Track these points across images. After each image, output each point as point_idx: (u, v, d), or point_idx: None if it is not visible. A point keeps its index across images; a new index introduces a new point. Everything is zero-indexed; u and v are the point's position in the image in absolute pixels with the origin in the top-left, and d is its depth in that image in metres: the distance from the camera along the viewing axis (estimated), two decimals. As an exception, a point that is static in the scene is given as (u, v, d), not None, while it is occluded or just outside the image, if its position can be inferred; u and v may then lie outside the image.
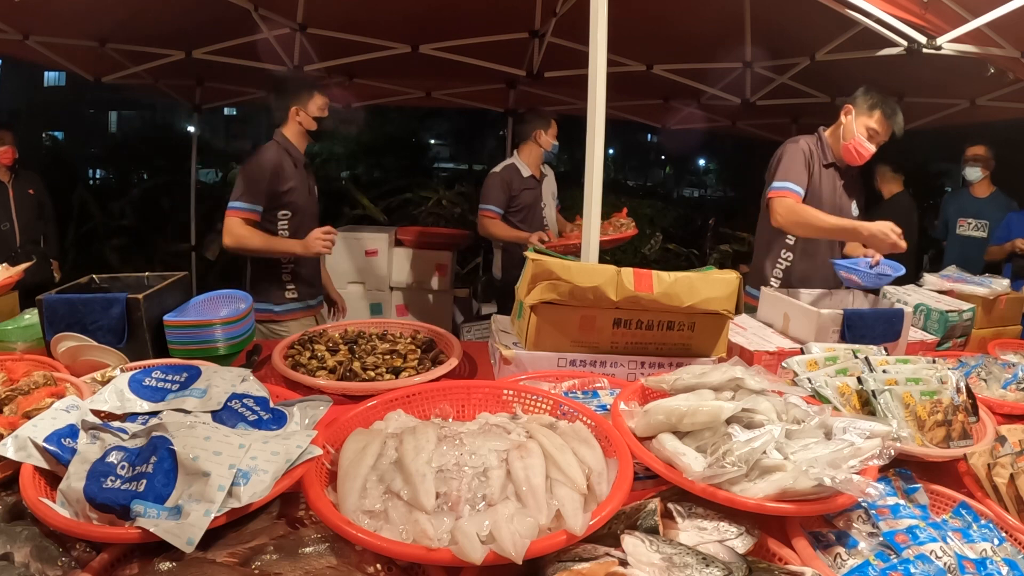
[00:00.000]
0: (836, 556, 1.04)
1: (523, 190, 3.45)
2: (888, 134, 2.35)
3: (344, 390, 1.58)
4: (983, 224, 4.09)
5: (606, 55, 1.79)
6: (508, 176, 3.43)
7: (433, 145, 14.60)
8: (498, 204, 3.40)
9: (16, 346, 1.72)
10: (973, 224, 4.14)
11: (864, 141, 2.34)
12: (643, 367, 1.67)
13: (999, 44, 2.65)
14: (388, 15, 3.60)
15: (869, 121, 2.33)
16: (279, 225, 2.52)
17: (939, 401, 1.41)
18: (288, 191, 2.50)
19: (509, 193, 3.42)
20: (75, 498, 0.96)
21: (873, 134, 2.34)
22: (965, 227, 4.16)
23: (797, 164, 2.37)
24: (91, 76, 4.16)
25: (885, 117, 2.32)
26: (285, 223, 2.53)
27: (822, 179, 2.44)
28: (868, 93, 2.37)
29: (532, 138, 3.45)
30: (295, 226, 2.55)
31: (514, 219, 3.45)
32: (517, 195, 3.44)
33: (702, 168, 16.56)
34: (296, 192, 2.53)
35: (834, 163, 2.46)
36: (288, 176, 2.49)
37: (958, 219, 4.20)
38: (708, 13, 3.47)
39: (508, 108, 5.41)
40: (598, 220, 1.88)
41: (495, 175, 3.46)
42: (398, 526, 0.92)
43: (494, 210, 3.40)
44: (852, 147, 2.36)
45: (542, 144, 3.45)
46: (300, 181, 2.55)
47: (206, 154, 9.07)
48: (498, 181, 3.42)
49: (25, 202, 3.98)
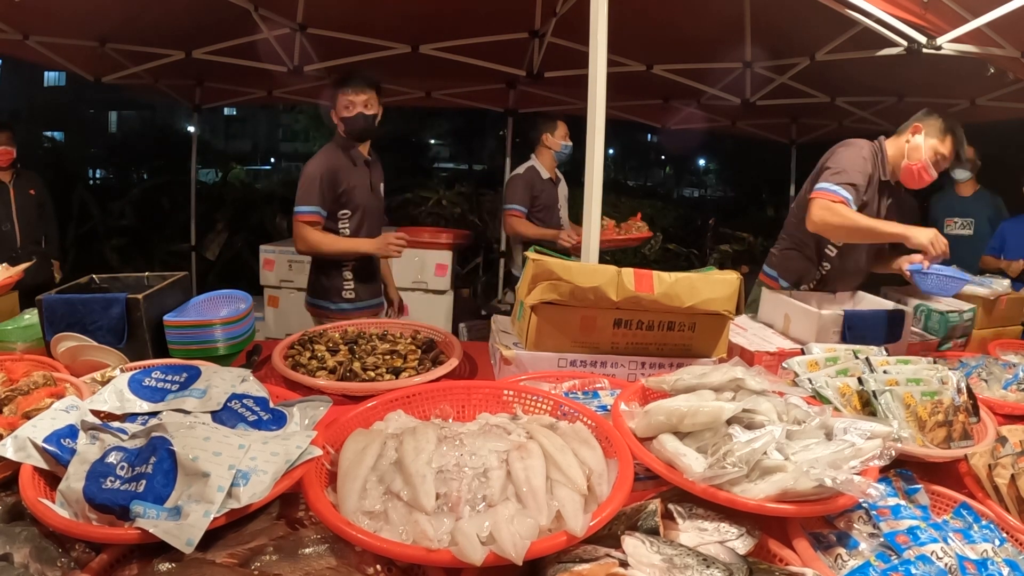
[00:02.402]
0: (837, 557, 1.04)
1: (543, 191, 3.57)
2: (953, 160, 2.17)
3: (344, 390, 1.58)
4: (968, 222, 4.15)
5: (606, 55, 1.79)
6: (530, 177, 3.54)
7: (433, 145, 14.62)
8: (523, 203, 3.50)
9: (16, 346, 1.72)
10: (959, 223, 4.19)
11: (931, 166, 2.14)
12: (643, 367, 1.67)
13: (999, 44, 2.65)
14: (388, 15, 3.60)
15: (940, 146, 2.13)
16: (340, 224, 2.55)
17: (940, 402, 1.41)
18: (346, 191, 2.52)
19: (532, 193, 3.52)
20: (74, 499, 0.95)
21: (941, 160, 2.14)
22: (952, 226, 4.19)
23: (857, 169, 2.11)
24: (91, 76, 4.16)
25: (955, 145, 2.13)
26: (346, 222, 2.56)
27: (872, 194, 2.21)
28: (939, 116, 2.17)
29: (541, 142, 3.57)
30: (356, 225, 2.58)
31: (534, 220, 3.55)
32: (539, 196, 3.55)
33: (702, 168, 16.58)
34: (356, 191, 2.54)
35: (888, 180, 2.23)
36: (345, 177, 2.51)
37: (945, 219, 4.24)
38: (708, 13, 3.47)
39: (508, 108, 5.40)
40: (598, 220, 1.88)
41: (518, 176, 3.56)
42: (398, 527, 0.92)
43: (520, 209, 3.49)
44: (917, 169, 2.16)
45: (551, 146, 3.56)
46: (360, 180, 2.56)
47: (206, 154, 9.08)
48: (522, 182, 3.52)
49: (25, 202, 3.98)
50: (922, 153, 2.14)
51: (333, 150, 2.54)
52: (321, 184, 2.45)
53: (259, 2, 3.28)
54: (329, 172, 2.47)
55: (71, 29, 3.51)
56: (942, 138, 2.13)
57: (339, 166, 2.50)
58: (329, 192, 2.47)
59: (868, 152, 2.18)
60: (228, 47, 3.83)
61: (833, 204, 2.05)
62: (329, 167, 2.48)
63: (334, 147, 2.55)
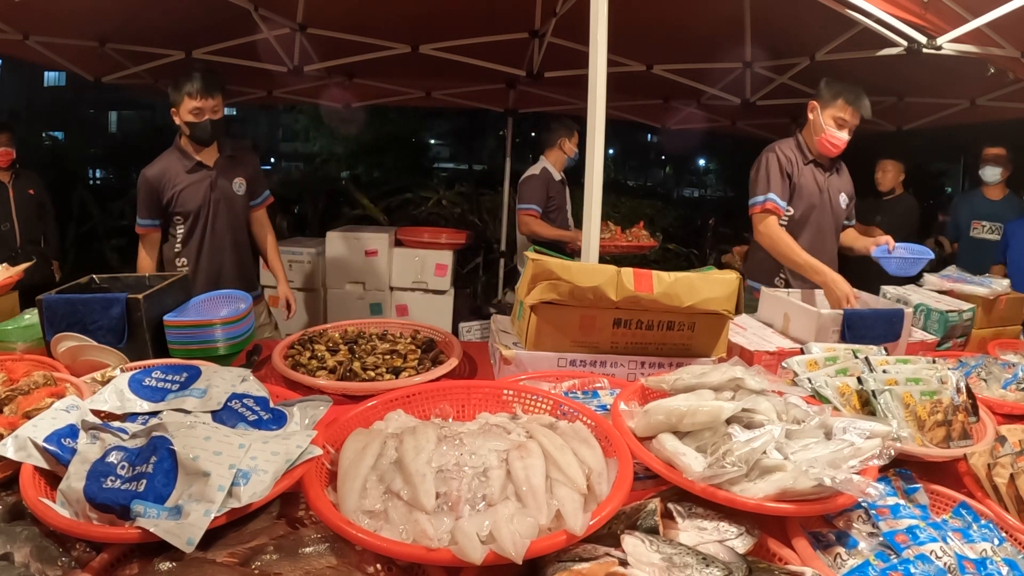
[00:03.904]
0: (836, 556, 1.04)
1: (557, 193, 3.64)
2: (857, 118, 2.42)
3: (344, 390, 1.58)
4: (997, 227, 4.00)
5: (606, 55, 1.79)
6: (546, 177, 3.60)
7: (433, 145, 14.62)
8: (539, 203, 3.55)
9: (16, 346, 1.72)
10: (987, 227, 4.05)
11: (835, 131, 2.43)
12: (643, 367, 1.67)
13: (999, 44, 2.65)
14: (388, 15, 3.60)
15: (835, 112, 2.41)
16: (173, 232, 2.61)
17: (939, 401, 1.41)
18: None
19: (548, 193, 3.58)
20: (75, 498, 0.96)
21: (842, 123, 2.42)
22: (979, 229, 4.06)
23: (774, 174, 2.48)
24: (91, 76, 4.15)
25: (848, 103, 2.39)
26: (178, 229, 2.60)
27: (804, 178, 2.53)
28: (829, 85, 2.46)
29: (557, 145, 3.64)
30: (187, 232, 2.59)
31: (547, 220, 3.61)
32: (553, 196, 3.62)
33: (702, 168, 16.56)
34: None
35: (814, 159, 2.55)
36: (173, 184, 2.53)
37: (971, 221, 4.11)
38: (708, 13, 3.47)
39: (508, 108, 5.40)
40: (598, 220, 1.88)
41: (535, 177, 3.61)
42: (398, 526, 0.92)
43: (536, 209, 3.54)
44: (825, 140, 2.46)
45: (566, 151, 3.65)
46: (196, 185, 2.56)
47: (206, 154, 9.02)
48: (539, 182, 3.57)
49: (25, 202, 3.98)
50: (822, 124, 2.45)
51: (166, 156, 2.55)
52: (146, 195, 2.49)
53: (259, 2, 3.28)
54: (154, 180, 2.49)
55: (71, 29, 3.50)
56: (834, 103, 2.41)
57: (166, 174, 2.51)
58: (153, 201, 2.51)
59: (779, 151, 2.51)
60: (228, 47, 3.83)
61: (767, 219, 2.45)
62: (154, 175, 2.50)
63: (168, 152, 2.56)
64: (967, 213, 4.18)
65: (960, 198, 4.28)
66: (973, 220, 4.12)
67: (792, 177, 2.51)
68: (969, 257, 3.98)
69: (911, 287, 2.39)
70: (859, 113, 2.41)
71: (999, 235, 3.97)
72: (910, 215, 4.29)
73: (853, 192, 2.69)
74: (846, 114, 2.40)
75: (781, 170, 2.48)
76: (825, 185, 2.57)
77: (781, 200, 2.47)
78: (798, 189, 2.51)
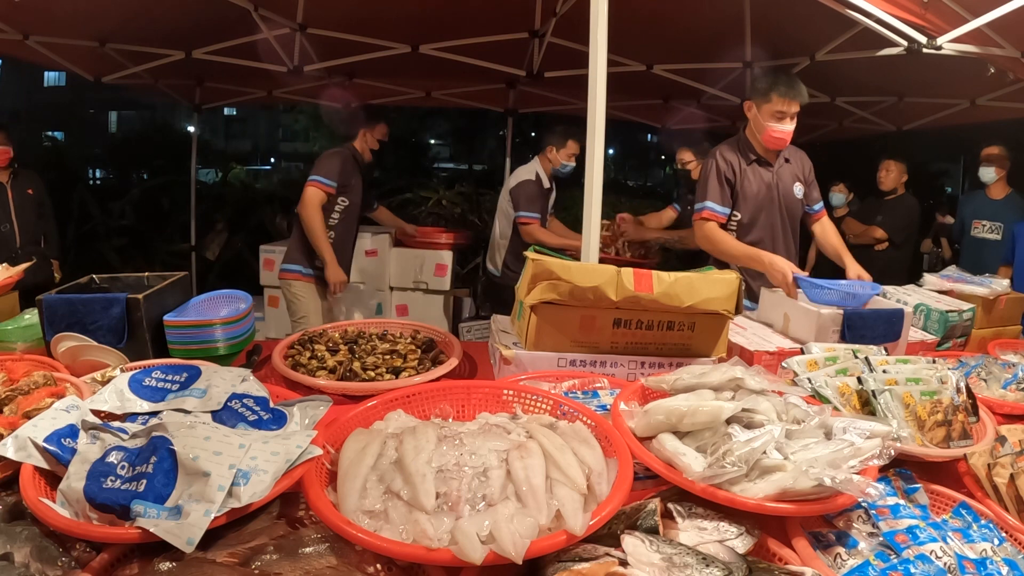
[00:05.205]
0: (836, 556, 1.04)
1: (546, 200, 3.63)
2: (796, 106, 2.38)
3: (344, 390, 1.58)
4: (997, 227, 3.99)
5: (606, 55, 1.79)
6: (539, 183, 3.58)
7: (433, 145, 14.63)
8: (538, 211, 3.52)
9: (16, 346, 1.72)
10: (988, 226, 4.04)
11: (775, 125, 2.39)
12: (643, 367, 1.67)
13: (999, 44, 2.65)
14: (388, 15, 3.60)
15: (772, 107, 2.37)
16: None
17: (939, 401, 1.41)
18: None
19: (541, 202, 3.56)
20: (75, 498, 0.96)
21: (781, 116, 2.37)
22: (980, 229, 4.05)
23: (712, 182, 2.48)
24: (91, 76, 4.16)
25: (782, 96, 2.35)
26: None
27: (747, 180, 2.49)
28: (758, 80, 2.47)
29: (545, 152, 3.62)
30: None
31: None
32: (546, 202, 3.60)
33: (702, 168, 16.53)
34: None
35: (758, 157, 2.51)
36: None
37: (973, 221, 4.10)
38: (708, 13, 3.47)
39: (508, 108, 5.40)
40: (598, 220, 1.89)
41: (531, 183, 3.56)
42: (398, 526, 0.92)
43: (536, 217, 3.51)
44: (769, 135, 2.42)
45: (551, 160, 3.61)
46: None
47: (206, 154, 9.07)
48: (536, 188, 3.54)
49: (25, 202, 3.98)
50: (761, 122, 2.42)
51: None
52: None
53: (259, 2, 3.28)
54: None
55: (71, 29, 3.51)
56: (767, 98, 2.38)
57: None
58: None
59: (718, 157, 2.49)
60: (228, 47, 3.83)
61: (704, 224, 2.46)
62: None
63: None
64: (970, 213, 4.17)
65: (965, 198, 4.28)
66: (975, 219, 4.12)
67: (734, 183, 2.48)
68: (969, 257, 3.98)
69: (911, 287, 2.39)
70: (797, 101, 2.36)
71: (999, 235, 3.97)
72: (911, 215, 4.29)
73: (811, 173, 2.64)
74: (783, 106, 2.36)
75: (720, 177, 2.46)
76: (773, 181, 2.51)
77: (719, 207, 2.45)
78: (742, 194, 2.49)
